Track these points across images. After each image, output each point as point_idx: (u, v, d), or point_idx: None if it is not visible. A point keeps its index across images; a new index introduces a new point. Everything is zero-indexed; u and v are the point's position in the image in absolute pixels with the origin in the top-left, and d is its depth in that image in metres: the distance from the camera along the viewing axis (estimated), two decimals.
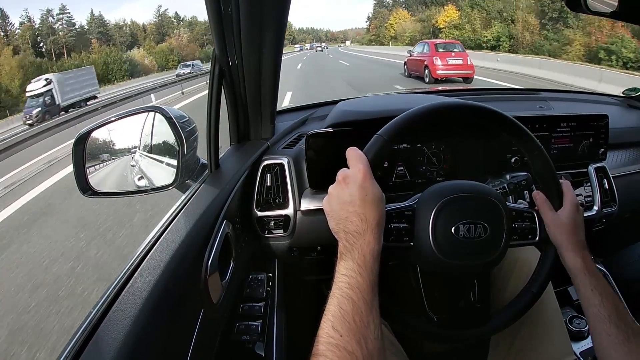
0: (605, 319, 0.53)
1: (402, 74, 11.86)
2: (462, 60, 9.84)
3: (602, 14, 0.83)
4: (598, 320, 0.54)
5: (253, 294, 0.77)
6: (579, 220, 0.60)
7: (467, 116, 0.62)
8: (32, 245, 3.09)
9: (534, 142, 0.61)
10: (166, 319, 0.48)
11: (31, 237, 3.28)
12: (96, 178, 0.70)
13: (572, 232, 0.59)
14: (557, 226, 0.59)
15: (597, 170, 0.98)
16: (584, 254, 0.58)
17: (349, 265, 0.46)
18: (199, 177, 0.77)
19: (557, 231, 0.59)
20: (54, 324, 1.97)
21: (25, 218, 3.77)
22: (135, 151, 0.74)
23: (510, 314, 0.61)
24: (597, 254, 1.16)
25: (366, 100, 1.13)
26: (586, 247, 0.59)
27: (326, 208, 0.53)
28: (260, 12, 0.68)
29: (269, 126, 0.95)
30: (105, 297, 0.46)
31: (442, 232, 0.55)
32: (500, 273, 0.78)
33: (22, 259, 2.87)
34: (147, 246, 0.54)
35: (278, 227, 0.86)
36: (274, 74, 0.83)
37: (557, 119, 0.93)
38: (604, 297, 0.54)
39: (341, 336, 0.41)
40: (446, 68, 9.67)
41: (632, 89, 1.33)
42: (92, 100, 16.76)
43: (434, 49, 10.09)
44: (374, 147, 0.54)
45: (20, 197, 4.48)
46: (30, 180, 5.13)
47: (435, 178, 0.89)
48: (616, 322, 0.52)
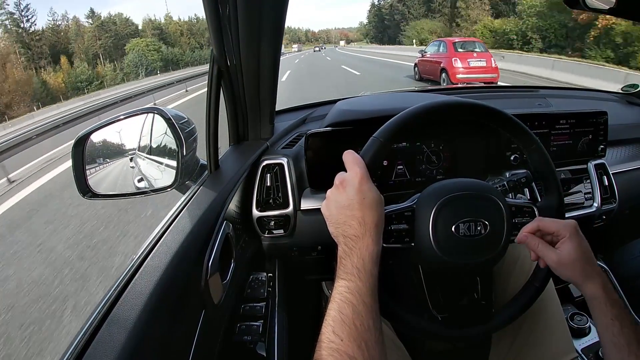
0: (623, 347, 0.50)
1: (410, 77, 10.27)
2: (485, 62, 8.23)
3: (600, 10, 0.84)
4: (615, 348, 0.51)
5: (254, 294, 0.77)
6: (585, 247, 0.55)
7: (462, 114, 0.62)
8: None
9: (530, 137, 0.61)
10: (167, 320, 0.48)
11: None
12: (95, 180, 0.70)
13: (583, 263, 0.54)
14: (566, 264, 0.55)
15: (597, 167, 0.98)
16: (603, 283, 0.54)
17: (348, 269, 0.46)
18: (198, 178, 0.77)
19: (568, 269, 0.55)
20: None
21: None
22: (134, 153, 0.74)
23: (514, 309, 0.61)
24: (597, 251, 1.16)
25: (365, 100, 1.13)
26: (602, 273, 0.54)
27: (325, 212, 0.53)
28: (258, 13, 0.68)
29: (268, 126, 0.95)
30: (107, 298, 0.46)
31: (443, 231, 0.55)
32: (501, 271, 0.78)
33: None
34: (147, 247, 0.54)
35: (278, 227, 0.86)
36: (273, 74, 0.83)
37: (557, 116, 0.94)
38: (624, 325, 0.51)
39: (342, 341, 0.41)
40: (467, 71, 8.01)
41: (631, 85, 1.33)
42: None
43: (452, 48, 8.42)
44: (370, 149, 0.54)
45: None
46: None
47: (435, 176, 0.89)
48: (635, 351, 0.50)
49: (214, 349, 0.60)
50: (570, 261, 0.54)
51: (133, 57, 43.49)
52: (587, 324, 1.01)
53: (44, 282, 2.40)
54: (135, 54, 43.74)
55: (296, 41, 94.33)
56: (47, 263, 2.68)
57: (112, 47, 46.68)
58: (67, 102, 25.32)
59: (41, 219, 3.62)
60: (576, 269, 0.54)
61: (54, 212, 3.78)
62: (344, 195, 0.50)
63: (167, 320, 0.48)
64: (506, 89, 1.54)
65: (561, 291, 1.18)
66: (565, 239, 0.55)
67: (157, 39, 49.22)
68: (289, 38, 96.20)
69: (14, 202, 4.27)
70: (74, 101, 23.65)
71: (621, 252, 1.17)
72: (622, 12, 0.82)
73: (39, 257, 2.82)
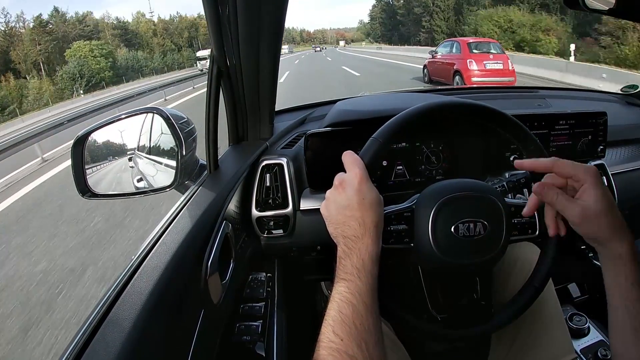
0: (637, 316, 0.45)
1: (418, 78, 9.68)
2: (502, 64, 7.70)
3: (600, 11, 0.84)
4: (628, 316, 0.45)
5: (253, 294, 0.77)
6: (610, 197, 0.48)
7: (461, 114, 0.62)
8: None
9: (529, 137, 0.61)
10: (167, 320, 0.48)
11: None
12: (95, 179, 0.70)
13: (611, 216, 0.47)
14: (591, 217, 0.47)
15: None
16: (631, 241, 0.47)
17: (348, 269, 0.47)
18: (198, 178, 0.77)
19: (594, 223, 0.47)
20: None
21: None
22: (134, 152, 0.74)
23: (514, 309, 0.61)
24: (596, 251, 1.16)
25: (365, 100, 1.13)
26: (628, 229, 0.47)
27: (324, 213, 0.53)
28: (258, 12, 0.68)
29: (267, 126, 0.95)
30: (106, 298, 0.46)
31: (442, 231, 0.55)
32: (500, 272, 0.78)
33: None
34: (147, 247, 0.54)
35: (277, 227, 0.86)
36: (272, 74, 0.83)
37: (556, 116, 0.94)
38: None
39: (342, 340, 0.41)
40: (483, 74, 7.49)
41: (631, 86, 1.33)
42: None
43: (466, 49, 7.90)
44: (369, 150, 0.54)
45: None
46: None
47: (435, 177, 0.89)
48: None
49: (212, 349, 0.60)
50: (597, 213, 0.46)
51: (72, 66, 34.11)
52: (586, 324, 1.01)
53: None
54: (75, 62, 34.37)
55: (290, 41, 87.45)
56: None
57: (57, 53, 37.08)
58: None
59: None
60: (602, 223, 0.46)
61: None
62: (343, 195, 0.50)
63: (166, 320, 0.48)
64: (505, 89, 1.54)
65: (560, 291, 1.18)
66: (587, 186, 0.47)
67: (117, 40, 40.52)
68: (283, 38, 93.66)
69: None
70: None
71: None
72: (621, 12, 0.82)
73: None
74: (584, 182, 0.48)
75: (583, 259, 1.14)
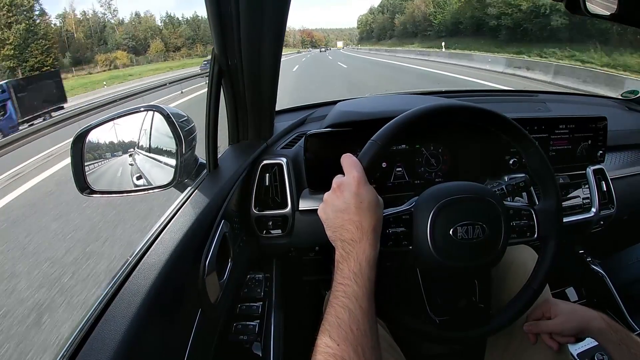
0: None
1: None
2: None
3: (602, 16, 0.84)
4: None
5: (251, 294, 0.77)
6: (572, 307, 0.67)
7: (461, 117, 0.62)
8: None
9: (529, 140, 0.61)
10: (164, 319, 0.48)
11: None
12: (94, 176, 0.70)
13: (581, 311, 0.65)
14: (569, 318, 0.65)
15: (596, 172, 0.98)
16: (602, 316, 0.64)
17: (345, 273, 0.46)
18: (197, 177, 0.77)
19: (572, 320, 0.65)
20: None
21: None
22: (133, 150, 0.73)
23: (512, 312, 0.62)
24: (595, 256, 1.16)
25: (365, 101, 1.13)
26: (594, 311, 0.65)
27: (322, 216, 0.53)
28: (260, 12, 0.68)
29: (267, 126, 0.95)
30: (103, 296, 0.46)
31: (441, 234, 0.55)
32: (499, 274, 0.78)
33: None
34: (145, 245, 0.54)
35: (276, 227, 0.86)
36: (273, 74, 0.83)
37: (556, 120, 0.94)
38: (631, 346, 0.59)
39: (338, 345, 0.41)
40: None
41: (631, 91, 1.33)
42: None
43: None
44: (368, 153, 0.54)
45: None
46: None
47: (434, 179, 0.89)
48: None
49: (210, 348, 0.60)
50: (569, 313, 0.65)
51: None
52: None
53: None
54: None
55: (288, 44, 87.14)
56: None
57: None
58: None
59: None
60: (577, 316, 0.65)
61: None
62: (341, 199, 0.50)
63: (164, 319, 0.48)
64: (506, 93, 1.54)
65: (558, 295, 1.18)
66: (555, 308, 0.66)
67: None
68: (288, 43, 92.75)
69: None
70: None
71: (619, 258, 1.17)
72: (624, 18, 0.82)
73: None
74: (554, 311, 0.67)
75: (581, 263, 1.14)
